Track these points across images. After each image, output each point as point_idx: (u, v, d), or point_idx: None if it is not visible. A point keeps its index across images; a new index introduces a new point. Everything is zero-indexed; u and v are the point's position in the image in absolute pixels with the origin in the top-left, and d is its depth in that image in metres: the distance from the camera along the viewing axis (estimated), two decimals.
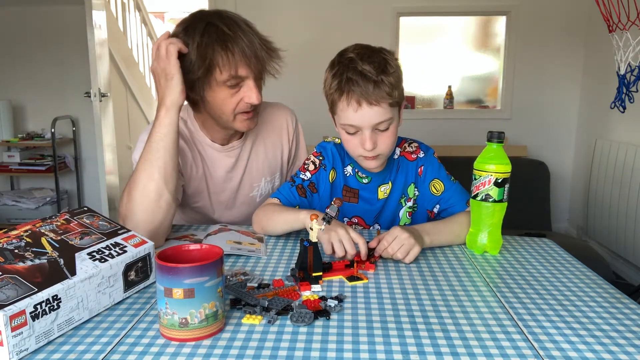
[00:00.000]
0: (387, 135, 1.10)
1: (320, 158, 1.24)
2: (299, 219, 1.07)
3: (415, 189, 1.25)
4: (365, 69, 1.05)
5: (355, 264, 0.94)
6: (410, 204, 1.25)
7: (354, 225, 1.26)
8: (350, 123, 1.09)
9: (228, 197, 1.33)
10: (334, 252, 0.97)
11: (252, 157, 1.34)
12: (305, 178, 1.22)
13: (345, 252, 0.97)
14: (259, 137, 1.36)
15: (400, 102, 1.12)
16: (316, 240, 0.90)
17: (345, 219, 1.26)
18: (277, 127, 1.39)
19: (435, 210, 1.22)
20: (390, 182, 1.24)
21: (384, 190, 1.24)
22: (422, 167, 1.23)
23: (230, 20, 1.13)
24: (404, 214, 1.26)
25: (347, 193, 1.24)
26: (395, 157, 1.24)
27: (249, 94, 1.15)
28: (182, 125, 1.26)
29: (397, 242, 0.99)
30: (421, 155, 1.24)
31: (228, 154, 1.30)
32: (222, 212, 1.34)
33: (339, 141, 1.24)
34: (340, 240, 0.97)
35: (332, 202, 0.94)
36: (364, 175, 1.23)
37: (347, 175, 1.24)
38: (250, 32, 1.14)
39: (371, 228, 1.26)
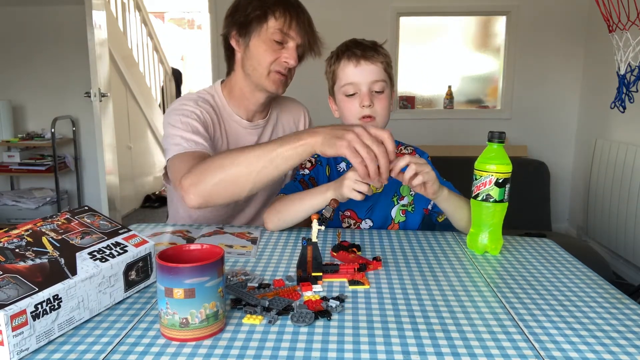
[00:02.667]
0: (382, 99, 1.21)
1: (316, 156, 1.29)
2: (323, 191, 1.10)
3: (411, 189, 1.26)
4: (362, 41, 1.23)
5: (366, 267, 0.94)
6: (403, 202, 1.29)
7: (346, 219, 1.29)
8: (349, 81, 1.20)
9: None
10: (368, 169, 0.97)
11: (271, 139, 1.36)
12: (305, 174, 1.27)
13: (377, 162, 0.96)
14: (279, 122, 1.43)
15: (392, 79, 1.25)
16: (316, 240, 0.90)
17: (339, 212, 1.29)
18: (296, 118, 1.47)
19: (429, 206, 1.27)
20: None
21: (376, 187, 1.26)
22: None
23: (298, 1, 1.27)
24: (397, 212, 1.29)
25: None
26: None
27: (288, 54, 1.24)
28: (211, 99, 1.33)
29: (417, 161, 1.02)
30: (416, 156, 1.27)
31: (251, 131, 1.35)
32: None
33: None
34: (355, 188, 1.02)
35: (328, 204, 0.95)
36: None
37: (341, 171, 1.29)
38: (308, 16, 1.27)
39: (362, 222, 1.28)
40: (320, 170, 1.28)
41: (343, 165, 1.29)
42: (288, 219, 1.17)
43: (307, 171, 1.27)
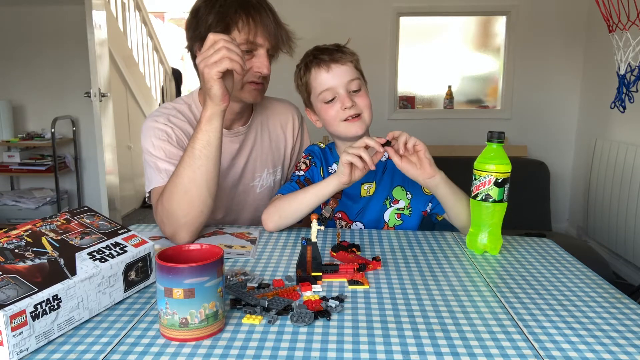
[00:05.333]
0: (362, 95, 1.21)
1: (310, 157, 1.31)
2: (328, 182, 1.12)
3: (408, 192, 1.28)
4: (325, 46, 1.23)
5: (365, 266, 0.94)
6: (397, 206, 1.28)
7: (337, 220, 1.29)
8: (325, 87, 1.19)
9: (230, 185, 1.33)
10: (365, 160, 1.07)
11: (256, 145, 1.36)
12: (301, 175, 1.28)
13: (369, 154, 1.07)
14: (264, 128, 1.38)
15: (362, 74, 1.24)
16: (315, 240, 0.90)
17: (333, 215, 1.29)
18: (284, 121, 1.42)
19: (428, 209, 1.27)
20: (374, 182, 1.27)
21: (367, 189, 1.27)
22: None
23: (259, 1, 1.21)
24: (391, 215, 1.28)
25: None
26: (383, 159, 1.27)
27: (259, 63, 1.19)
28: (187, 110, 1.29)
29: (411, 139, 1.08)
30: None
31: (232, 139, 1.31)
32: (223, 199, 1.34)
33: (324, 145, 1.33)
34: (355, 154, 1.06)
35: (328, 204, 0.95)
36: None
37: (332, 172, 1.29)
38: (273, 10, 1.21)
39: (353, 224, 1.28)
40: (315, 171, 1.29)
41: (335, 167, 1.30)
42: (290, 216, 1.16)
43: (302, 172, 1.28)
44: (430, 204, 1.26)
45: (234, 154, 1.32)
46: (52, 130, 3.79)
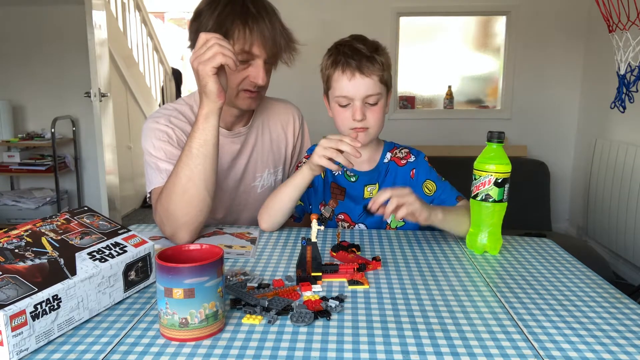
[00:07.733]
0: (376, 110, 1.18)
1: None
2: (302, 172, 1.12)
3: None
4: (360, 46, 1.17)
5: (365, 266, 0.94)
6: None
7: (340, 222, 1.28)
8: (343, 94, 1.17)
9: (231, 185, 1.33)
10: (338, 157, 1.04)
11: (257, 146, 1.36)
12: None
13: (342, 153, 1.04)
14: (265, 129, 1.38)
15: (389, 84, 1.21)
16: (315, 240, 0.90)
17: (335, 216, 1.29)
18: (284, 122, 1.42)
19: None
20: (377, 184, 1.27)
21: (370, 191, 1.27)
22: (414, 170, 1.26)
23: (258, 2, 1.18)
24: (393, 217, 1.27)
25: (335, 190, 1.28)
26: (386, 160, 1.28)
27: (255, 73, 1.18)
28: (188, 111, 1.29)
29: (400, 193, 1.02)
30: (412, 159, 1.28)
31: (233, 139, 1.31)
32: (224, 199, 1.34)
33: None
34: (325, 154, 1.04)
35: (327, 204, 0.95)
36: (351, 174, 1.27)
37: (336, 174, 1.29)
38: (274, 17, 1.19)
39: (356, 226, 1.28)
40: None
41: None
42: (277, 212, 1.17)
43: None
44: (431, 205, 1.25)
45: (235, 155, 1.32)
46: (52, 130, 3.79)
